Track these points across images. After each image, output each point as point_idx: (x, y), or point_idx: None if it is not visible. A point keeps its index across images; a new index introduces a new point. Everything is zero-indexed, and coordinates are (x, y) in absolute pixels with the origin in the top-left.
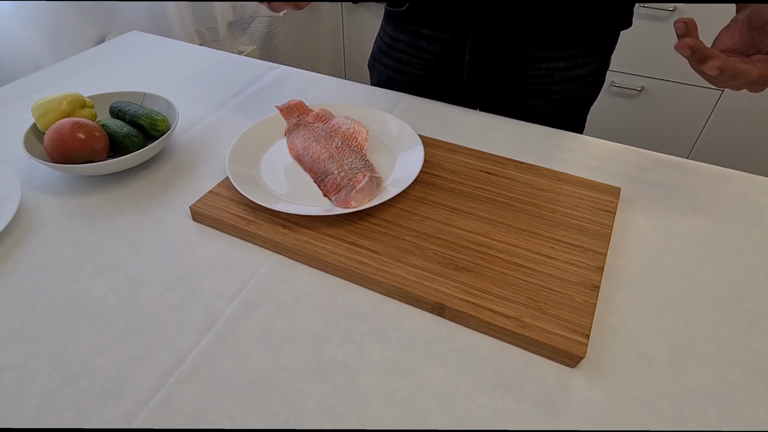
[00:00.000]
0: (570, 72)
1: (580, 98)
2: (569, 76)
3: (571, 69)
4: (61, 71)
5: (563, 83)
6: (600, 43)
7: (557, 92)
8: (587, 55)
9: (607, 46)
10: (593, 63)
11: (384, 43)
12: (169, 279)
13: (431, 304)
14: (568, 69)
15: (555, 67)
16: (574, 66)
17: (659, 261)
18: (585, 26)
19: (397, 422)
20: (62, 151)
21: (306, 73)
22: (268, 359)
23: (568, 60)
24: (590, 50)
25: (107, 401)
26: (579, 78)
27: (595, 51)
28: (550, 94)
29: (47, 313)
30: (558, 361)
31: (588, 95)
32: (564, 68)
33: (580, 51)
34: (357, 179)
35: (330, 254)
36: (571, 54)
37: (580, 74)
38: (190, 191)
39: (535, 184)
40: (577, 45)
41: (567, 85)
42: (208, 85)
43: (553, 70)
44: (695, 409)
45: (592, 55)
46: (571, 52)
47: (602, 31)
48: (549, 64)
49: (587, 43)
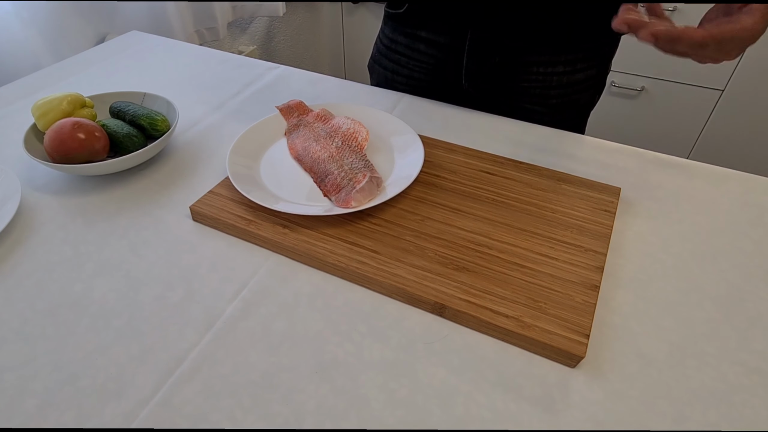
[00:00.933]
0: (568, 77)
1: (578, 103)
2: (568, 80)
3: (569, 74)
4: (61, 71)
5: (561, 88)
6: (599, 48)
7: (555, 97)
8: (586, 60)
9: (607, 52)
10: (592, 68)
11: (383, 44)
12: (169, 279)
13: (431, 304)
14: (567, 74)
15: (553, 72)
16: (573, 71)
17: (659, 261)
18: (583, 32)
19: (397, 422)
20: (62, 151)
21: (306, 73)
22: (268, 359)
23: (567, 65)
24: (589, 55)
25: (107, 401)
26: (577, 83)
27: (594, 56)
28: (549, 99)
29: (47, 313)
30: (558, 361)
31: (587, 100)
32: (562, 73)
33: (578, 56)
34: (357, 179)
35: (330, 254)
36: (570, 59)
37: (579, 79)
38: (190, 191)
39: (535, 184)
40: (575, 50)
41: (565, 89)
42: (208, 85)
43: (551, 74)
44: (695, 409)
45: (590, 60)
46: (570, 56)
47: (602, 36)
48: (547, 68)
49: (586, 48)
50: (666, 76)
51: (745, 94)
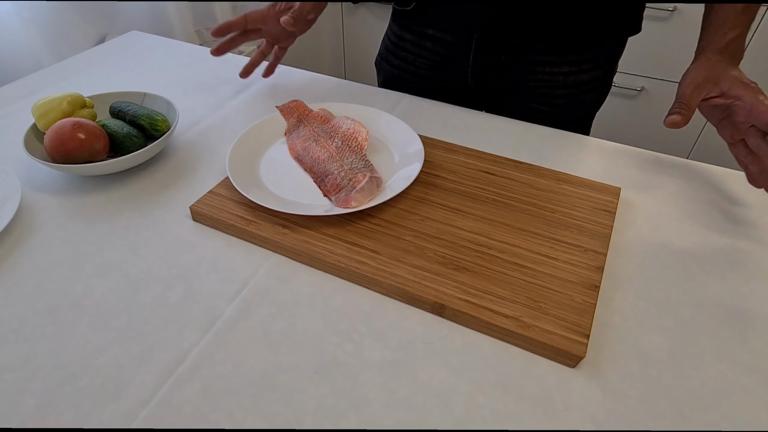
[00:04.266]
0: (574, 77)
1: (584, 104)
2: (573, 80)
3: (575, 74)
4: (61, 71)
5: (567, 88)
6: (606, 48)
7: (561, 97)
8: (592, 61)
9: (614, 52)
10: (598, 68)
11: (390, 41)
12: (168, 279)
13: (431, 304)
14: (572, 74)
15: (559, 72)
16: (579, 71)
17: (659, 261)
18: (590, 31)
19: (397, 422)
20: (62, 151)
21: (306, 73)
22: (268, 359)
23: (573, 65)
24: (595, 55)
25: (107, 401)
26: (583, 83)
27: (600, 56)
28: (554, 99)
29: (47, 313)
30: (558, 361)
31: (592, 101)
32: (568, 73)
33: (584, 56)
34: (357, 179)
35: (330, 254)
36: (576, 59)
37: (585, 79)
38: (190, 191)
39: (535, 184)
40: (581, 50)
41: (571, 90)
42: (208, 85)
43: (557, 74)
44: (695, 409)
45: (597, 61)
46: (576, 56)
47: (609, 35)
48: (553, 68)
49: (592, 48)
50: (666, 76)
51: None
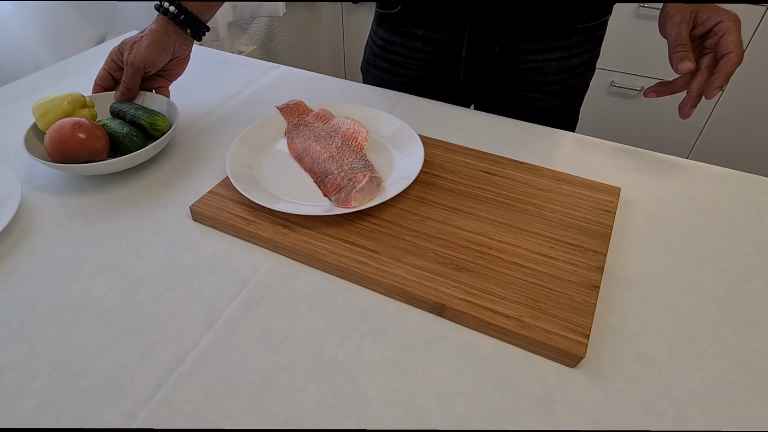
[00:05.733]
0: (566, 62)
1: (576, 88)
2: (565, 65)
3: (566, 59)
4: (61, 71)
5: (559, 73)
6: (592, 31)
7: (554, 83)
8: (581, 45)
9: (599, 35)
10: (586, 52)
11: (377, 46)
12: (169, 279)
13: (431, 304)
14: (564, 59)
15: (551, 58)
16: (569, 56)
17: (659, 261)
18: (578, 14)
19: (397, 422)
20: (62, 151)
21: (306, 73)
22: (268, 359)
23: (563, 50)
24: (583, 39)
25: (107, 401)
26: (574, 67)
27: (587, 40)
28: (547, 85)
29: (47, 313)
30: (558, 361)
31: (583, 85)
32: (560, 58)
33: (573, 41)
34: (357, 179)
35: (330, 254)
36: (566, 44)
37: (575, 63)
38: (190, 191)
39: (535, 184)
40: (570, 35)
41: (563, 75)
42: (208, 85)
43: (549, 60)
44: (695, 409)
45: (585, 45)
46: (566, 42)
47: (594, 17)
48: (545, 55)
49: (580, 32)
50: (666, 76)
51: (745, 94)
